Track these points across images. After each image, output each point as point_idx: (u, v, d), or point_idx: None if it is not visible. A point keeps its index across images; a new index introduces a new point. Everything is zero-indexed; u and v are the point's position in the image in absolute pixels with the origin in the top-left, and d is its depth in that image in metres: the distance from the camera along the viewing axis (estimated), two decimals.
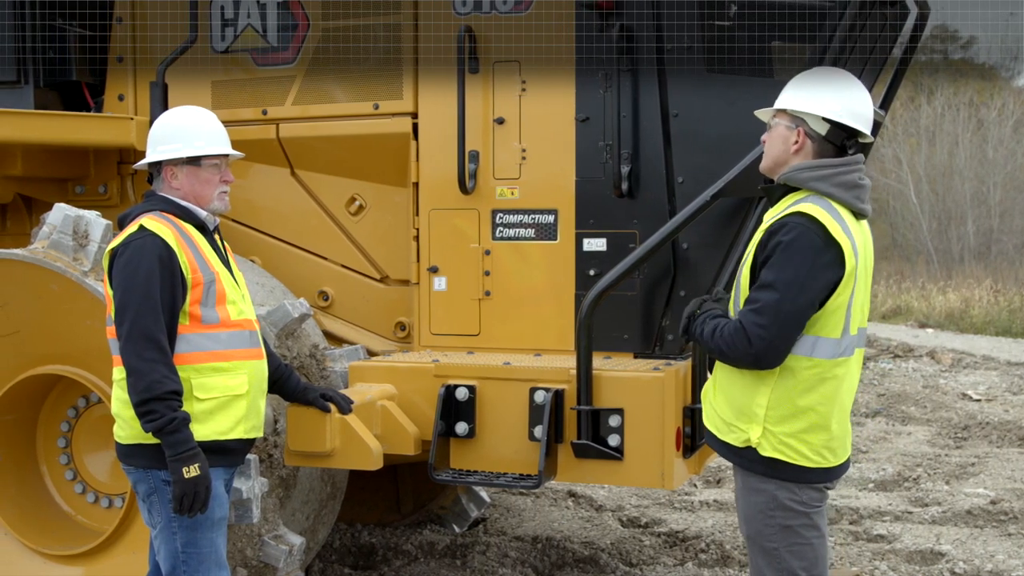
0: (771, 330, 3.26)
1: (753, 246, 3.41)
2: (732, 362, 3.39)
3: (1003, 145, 29.61)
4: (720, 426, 3.50)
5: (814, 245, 3.26)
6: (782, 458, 3.37)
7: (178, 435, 3.42)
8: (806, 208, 3.32)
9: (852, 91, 3.47)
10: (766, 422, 3.37)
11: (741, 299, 3.42)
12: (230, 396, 3.60)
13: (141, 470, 3.57)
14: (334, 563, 5.95)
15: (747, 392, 3.40)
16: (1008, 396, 12.12)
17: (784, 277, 3.25)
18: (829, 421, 3.37)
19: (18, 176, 5.25)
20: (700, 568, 6.04)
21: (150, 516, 3.62)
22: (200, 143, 3.69)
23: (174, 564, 3.56)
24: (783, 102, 3.49)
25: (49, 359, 4.56)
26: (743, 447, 3.41)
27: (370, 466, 4.16)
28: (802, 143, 3.44)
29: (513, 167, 4.59)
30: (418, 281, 4.74)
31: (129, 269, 3.47)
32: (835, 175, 3.40)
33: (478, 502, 6.78)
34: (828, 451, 3.40)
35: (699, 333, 3.48)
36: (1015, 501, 7.33)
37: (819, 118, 3.41)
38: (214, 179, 3.72)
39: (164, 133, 3.71)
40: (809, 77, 3.54)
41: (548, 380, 4.17)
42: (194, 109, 3.82)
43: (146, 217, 3.57)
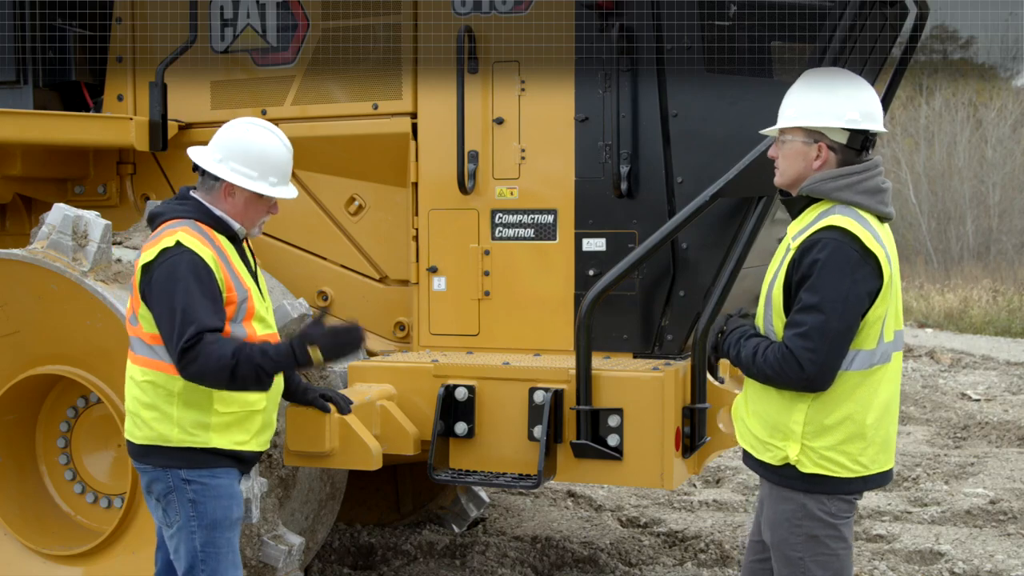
0: (821, 353, 3.21)
1: (784, 264, 3.35)
2: (780, 386, 3.33)
3: (1002, 145, 29.61)
4: (755, 445, 3.45)
5: (851, 260, 3.22)
6: (823, 472, 3.32)
7: (276, 354, 3.44)
8: (837, 221, 3.27)
9: (861, 91, 3.41)
10: (804, 438, 3.32)
11: (773, 316, 3.37)
12: (248, 411, 3.60)
13: (159, 469, 3.55)
14: (333, 563, 5.95)
15: (782, 409, 3.35)
16: (1007, 396, 12.12)
17: (827, 297, 3.20)
18: (865, 429, 3.31)
19: (17, 176, 5.25)
20: (699, 568, 6.04)
21: (165, 515, 3.59)
22: (274, 179, 3.65)
23: (192, 563, 3.55)
24: (796, 119, 3.41)
25: (48, 359, 4.56)
26: (781, 465, 3.37)
27: (369, 466, 4.16)
28: (825, 157, 3.38)
29: (512, 167, 4.59)
30: (417, 281, 4.74)
31: (171, 283, 3.42)
32: (859, 182, 3.34)
33: (477, 502, 6.78)
34: (867, 459, 3.34)
35: (734, 354, 3.43)
36: (1014, 501, 7.33)
37: (838, 129, 3.35)
38: (264, 210, 3.70)
39: (243, 152, 3.62)
40: (812, 85, 3.45)
41: (547, 380, 4.17)
42: (277, 134, 3.73)
43: (182, 231, 3.49)
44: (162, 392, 3.51)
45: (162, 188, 5.32)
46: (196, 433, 3.52)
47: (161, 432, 3.51)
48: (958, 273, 25.17)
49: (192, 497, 3.53)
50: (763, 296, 3.46)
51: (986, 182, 29.43)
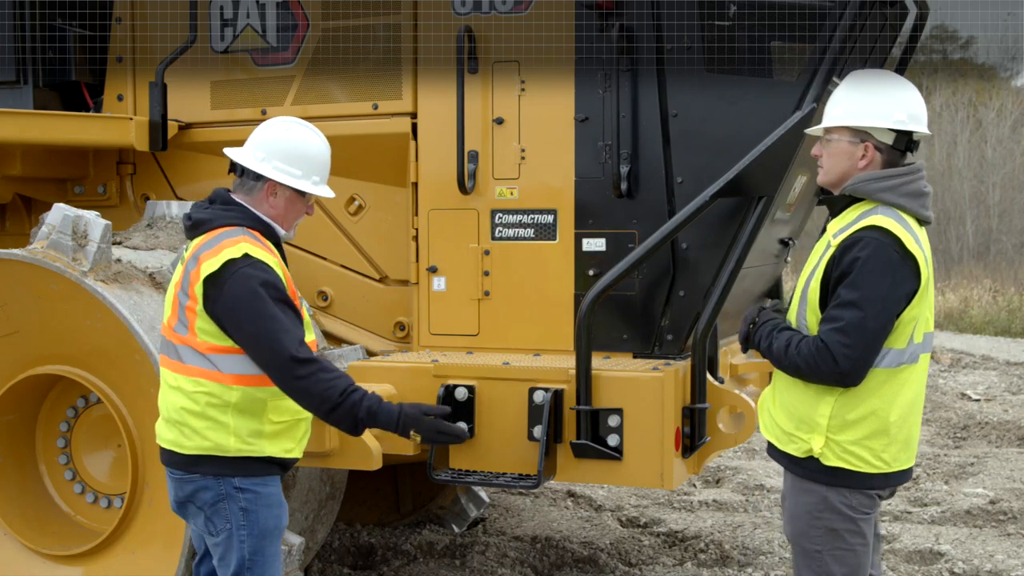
0: (857, 349, 3.26)
1: (823, 260, 3.39)
2: (812, 379, 3.37)
3: (1002, 145, 29.62)
4: (780, 436, 3.50)
5: (891, 260, 3.26)
6: (846, 466, 3.36)
7: (380, 418, 3.49)
8: (879, 221, 3.31)
9: (907, 93, 3.47)
10: (829, 431, 3.36)
11: (807, 311, 3.42)
12: (296, 419, 3.60)
13: (210, 478, 3.50)
14: (333, 563, 5.95)
15: (809, 402, 3.40)
16: (1007, 396, 12.12)
17: (866, 295, 3.25)
18: (888, 426, 3.36)
19: (17, 176, 5.25)
20: (699, 568, 6.04)
21: (210, 524, 3.54)
22: (317, 179, 3.66)
23: (239, 570, 3.52)
24: (844, 118, 3.45)
25: (48, 359, 4.55)
26: (804, 457, 3.41)
27: (369, 466, 4.16)
28: (871, 157, 3.43)
29: (512, 167, 4.59)
30: (417, 281, 4.74)
31: (253, 298, 3.39)
32: (902, 184, 3.39)
33: (477, 502, 6.78)
34: (890, 456, 3.38)
35: (765, 346, 3.48)
36: (1014, 501, 7.33)
37: (885, 129, 3.41)
38: (302, 210, 3.70)
39: (287, 150, 3.61)
40: (859, 85, 3.50)
41: (547, 380, 4.17)
42: (318, 133, 3.74)
43: (244, 241, 3.46)
44: (217, 402, 3.46)
45: (162, 188, 5.33)
46: (252, 442, 3.49)
47: (217, 442, 3.47)
48: (958, 273, 25.17)
49: (244, 506, 3.51)
50: (798, 291, 3.50)
51: (986, 182, 29.44)
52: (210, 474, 3.50)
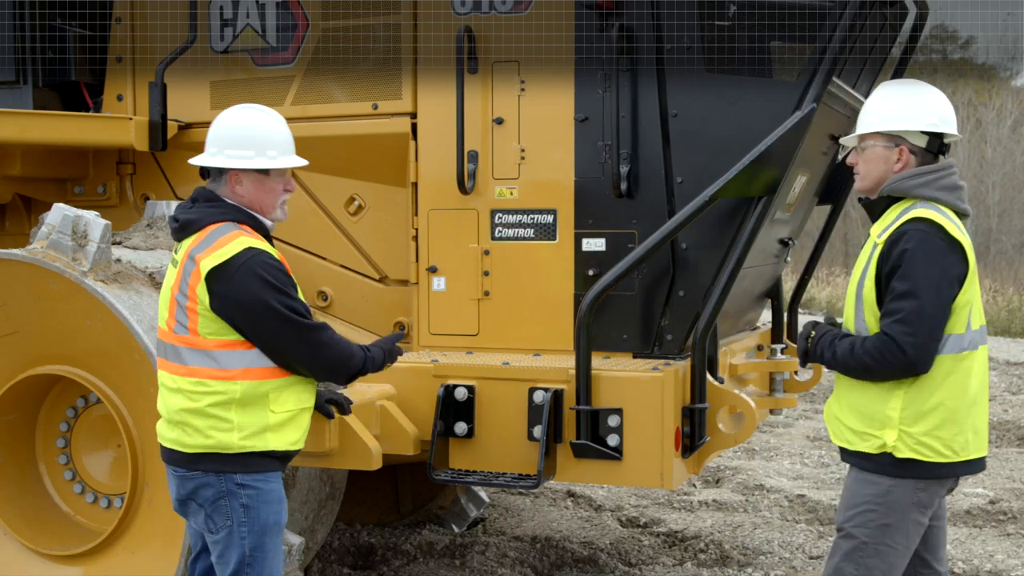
0: (921, 336, 3.37)
1: (872, 260, 3.51)
2: (881, 374, 3.46)
3: (1001, 145, 29.61)
4: (851, 438, 3.58)
5: (939, 247, 3.40)
6: (918, 457, 3.46)
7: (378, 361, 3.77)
8: (921, 213, 3.46)
9: (937, 98, 3.62)
10: (901, 424, 3.46)
11: (865, 312, 3.52)
12: (300, 409, 3.61)
13: (211, 474, 3.51)
14: (333, 563, 5.95)
15: (878, 398, 3.50)
16: (1007, 396, 12.12)
17: (920, 283, 3.37)
18: (957, 415, 3.47)
19: (17, 176, 5.25)
20: (699, 568, 6.04)
21: (210, 521, 3.55)
22: (273, 152, 3.64)
23: (239, 568, 3.53)
24: (877, 124, 3.60)
25: (48, 359, 4.56)
26: (878, 453, 3.50)
27: (369, 466, 4.16)
28: (906, 160, 3.59)
29: (512, 167, 4.59)
30: (417, 281, 4.74)
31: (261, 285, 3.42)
32: (937, 179, 3.54)
33: (477, 502, 6.78)
34: (959, 445, 3.48)
35: (830, 355, 3.57)
36: (1014, 501, 7.33)
37: (918, 132, 3.56)
38: (279, 188, 3.68)
39: (233, 136, 3.63)
40: (891, 93, 3.67)
41: (547, 380, 4.17)
42: (262, 112, 3.74)
43: (242, 235, 3.50)
44: (220, 400, 3.47)
45: (162, 188, 5.32)
46: (256, 437, 3.50)
47: (220, 440, 3.47)
48: None
49: (245, 502, 3.52)
50: (851, 297, 3.62)
51: (985, 182, 29.42)
52: (212, 471, 3.51)
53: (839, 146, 5.13)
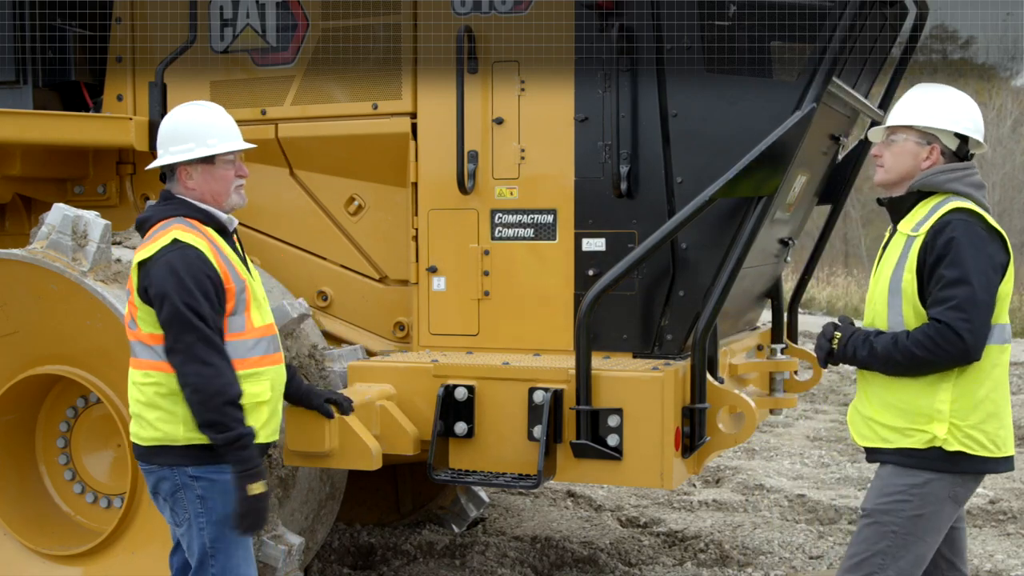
0: (977, 322, 3.37)
1: (910, 252, 3.50)
2: (932, 365, 3.44)
3: (1001, 145, 29.61)
4: (889, 436, 3.55)
5: (982, 236, 3.44)
6: (967, 451, 3.46)
7: (248, 451, 3.46)
8: (960, 204, 3.49)
9: (972, 106, 3.65)
10: (952, 417, 3.45)
11: (903, 305, 3.50)
12: (254, 403, 3.60)
13: (166, 467, 3.56)
14: (333, 563, 5.95)
15: (922, 393, 3.48)
16: None
17: (970, 269, 3.38)
18: (999, 408, 3.49)
19: (17, 176, 5.24)
20: (699, 568, 6.04)
21: (173, 514, 3.60)
22: (213, 140, 3.67)
23: (203, 559, 3.57)
24: (914, 119, 3.61)
25: (48, 359, 4.56)
26: (927, 448, 3.48)
27: (369, 466, 4.16)
28: (935, 159, 3.60)
29: (512, 167, 4.59)
30: (417, 281, 4.74)
31: (173, 280, 3.43)
32: (966, 176, 3.59)
33: (477, 502, 6.78)
34: (1000, 440, 3.50)
35: (864, 353, 3.54)
36: (1014, 501, 7.33)
37: (951, 134, 3.58)
38: (229, 175, 3.71)
39: (174, 133, 3.69)
40: (927, 93, 3.67)
41: (547, 380, 4.17)
42: (201, 105, 3.79)
43: (176, 228, 3.53)
44: (164, 391, 3.51)
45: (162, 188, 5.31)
46: None
47: (167, 432, 3.52)
48: None
49: (200, 494, 3.54)
50: (881, 293, 3.58)
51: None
52: (166, 464, 3.56)
53: (839, 146, 5.14)
